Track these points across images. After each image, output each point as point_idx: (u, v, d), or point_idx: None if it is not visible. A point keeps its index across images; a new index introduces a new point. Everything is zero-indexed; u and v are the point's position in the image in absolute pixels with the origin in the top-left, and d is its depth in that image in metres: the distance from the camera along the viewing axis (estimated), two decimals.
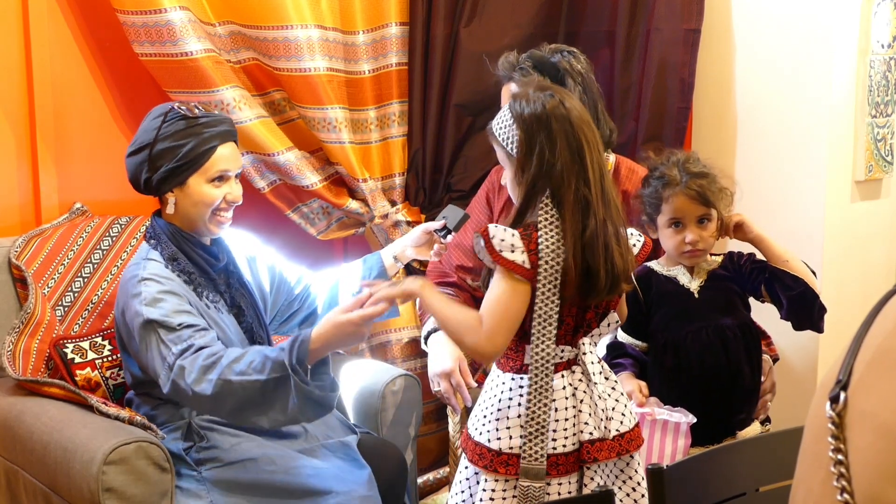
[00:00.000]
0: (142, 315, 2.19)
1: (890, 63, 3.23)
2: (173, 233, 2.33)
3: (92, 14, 2.83)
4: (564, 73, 2.61)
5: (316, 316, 2.64)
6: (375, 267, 2.61)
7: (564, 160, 1.95)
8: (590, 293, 1.98)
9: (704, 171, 2.40)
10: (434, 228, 2.54)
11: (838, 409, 0.72)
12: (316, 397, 2.12)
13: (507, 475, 2.01)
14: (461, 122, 3.18)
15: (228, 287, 2.37)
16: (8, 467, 2.41)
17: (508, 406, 2.02)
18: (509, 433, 2.01)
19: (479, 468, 2.04)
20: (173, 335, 2.17)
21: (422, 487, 3.11)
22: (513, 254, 1.94)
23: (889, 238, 3.39)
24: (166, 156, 2.27)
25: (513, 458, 2.00)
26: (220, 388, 2.11)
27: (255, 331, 2.38)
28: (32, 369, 2.47)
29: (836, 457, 0.71)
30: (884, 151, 3.27)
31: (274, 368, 2.10)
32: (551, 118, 1.96)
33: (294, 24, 2.83)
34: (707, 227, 2.41)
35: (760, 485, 1.69)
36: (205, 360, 2.14)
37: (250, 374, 2.11)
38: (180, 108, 2.30)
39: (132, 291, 2.24)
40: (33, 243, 2.66)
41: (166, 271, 2.27)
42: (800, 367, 2.73)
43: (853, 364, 0.73)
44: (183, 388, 2.14)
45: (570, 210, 1.95)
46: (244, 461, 2.27)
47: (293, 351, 2.10)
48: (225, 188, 2.33)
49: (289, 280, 2.61)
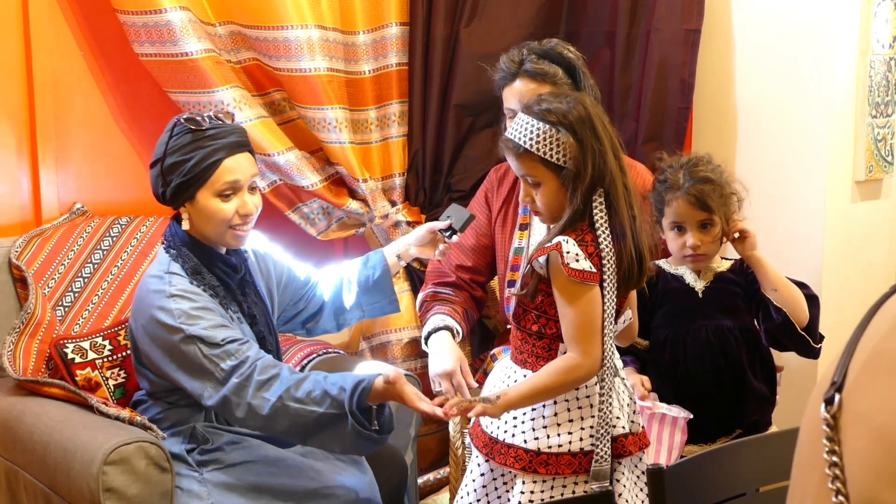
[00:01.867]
0: (182, 331, 2.16)
1: (890, 63, 3.23)
2: (193, 244, 2.27)
3: (92, 14, 2.82)
4: (570, 60, 2.61)
5: (320, 316, 2.63)
6: (379, 266, 2.60)
7: (611, 158, 1.98)
8: (631, 281, 2.02)
9: (709, 176, 2.39)
10: (439, 228, 2.53)
11: (833, 411, 0.72)
12: (370, 438, 2.14)
13: (545, 475, 2.01)
14: (461, 122, 3.18)
15: (245, 297, 2.35)
16: (8, 467, 2.41)
17: (544, 406, 2.02)
18: (546, 432, 2.01)
19: (516, 470, 2.02)
20: (218, 350, 2.16)
21: (422, 487, 3.11)
22: (579, 263, 1.94)
23: (889, 238, 3.39)
24: (174, 171, 2.21)
25: (552, 457, 2.00)
26: (275, 410, 2.13)
27: (265, 338, 2.37)
28: (33, 369, 2.47)
29: (830, 459, 0.71)
30: (884, 151, 3.27)
31: (332, 405, 2.12)
32: (593, 117, 1.98)
33: (294, 24, 2.83)
34: (709, 232, 2.41)
35: (760, 485, 1.69)
36: (260, 375, 2.15)
37: (308, 403, 2.12)
38: (188, 121, 2.22)
39: (161, 306, 2.19)
40: (33, 243, 2.66)
41: (192, 286, 2.23)
42: (800, 368, 2.73)
43: (848, 365, 0.73)
44: (235, 402, 2.14)
45: (621, 203, 1.98)
46: (246, 463, 2.27)
47: (355, 395, 2.11)
48: (235, 201, 2.23)
49: (296, 278, 2.60)
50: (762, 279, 2.40)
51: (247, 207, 2.25)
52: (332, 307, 2.62)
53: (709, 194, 2.37)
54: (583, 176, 1.95)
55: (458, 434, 2.68)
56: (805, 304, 2.40)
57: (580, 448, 2.01)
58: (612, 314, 1.99)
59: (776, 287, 2.38)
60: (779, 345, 2.47)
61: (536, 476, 2.02)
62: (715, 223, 2.40)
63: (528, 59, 2.60)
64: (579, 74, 2.61)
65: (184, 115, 2.25)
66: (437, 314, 2.70)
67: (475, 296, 2.85)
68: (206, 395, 2.17)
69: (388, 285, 2.61)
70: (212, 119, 2.24)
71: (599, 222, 1.97)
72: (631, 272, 2.01)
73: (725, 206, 2.41)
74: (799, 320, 2.38)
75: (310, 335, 2.72)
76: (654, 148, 3.20)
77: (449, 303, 2.76)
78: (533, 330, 2.05)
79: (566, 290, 1.96)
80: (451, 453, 2.71)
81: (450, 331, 2.65)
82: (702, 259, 2.44)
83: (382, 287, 2.60)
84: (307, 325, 2.65)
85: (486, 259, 2.84)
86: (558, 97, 2.03)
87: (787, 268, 2.50)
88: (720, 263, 2.50)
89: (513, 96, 2.62)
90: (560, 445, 2.00)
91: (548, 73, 2.58)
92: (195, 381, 2.18)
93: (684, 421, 2.33)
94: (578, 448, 2.01)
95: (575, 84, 2.60)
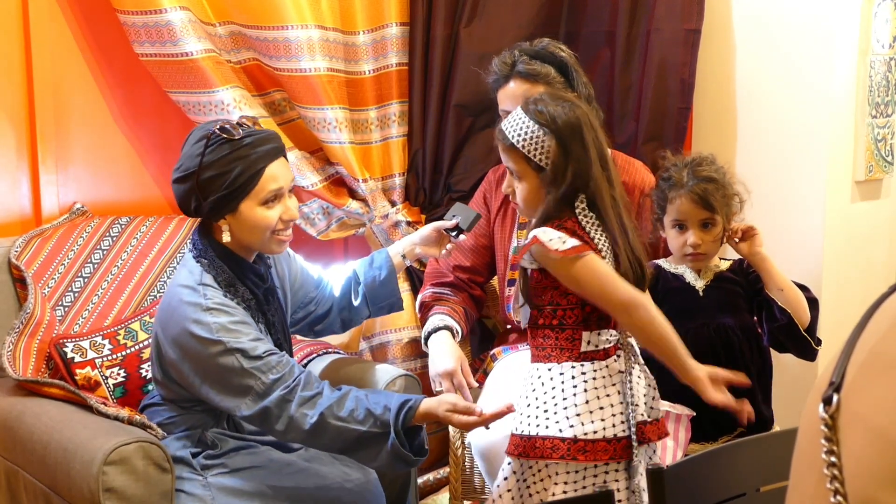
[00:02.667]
0: (222, 344, 2.14)
1: (890, 63, 3.23)
2: (226, 255, 2.23)
3: (92, 14, 2.82)
4: (563, 59, 2.62)
5: (328, 318, 2.62)
6: (385, 266, 2.59)
7: (597, 167, 2.00)
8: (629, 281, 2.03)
9: (713, 175, 2.40)
10: (446, 228, 2.52)
11: (831, 412, 0.72)
12: (408, 458, 2.16)
13: (586, 461, 2.02)
14: (461, 122, 3.18)
15: (269, 306, 2.34)
16: (8, 467, 2.41)
17: (574, 394, 2.04)
18: (580, 420, 2.02)
19: (555, 460, 2.03)
20: (260, 363, 2.15)
21: (422, 487, 3.11)
22: (566, 243, 1.98)
23: (889, 238, 3.39)
24: (213, 184, 2.14)
25: (588, 444, 2.01)
26: (316, 427, 2.14)
27: (281, 344, 2.36)
28: (33, 369, 2.47)
29: (829, 459, 0.71)
30: (884, 151, 3.27)
31: (375, 424, 2.14)
32: (583, 125, 2.01)
33: (294, 24, 2.83)
34: (711, 231, 2.41)
35: (760, 485, 1.69)
36: (304, 391, 2.16)
37: (350, 422, 2.14)
38: (222, 132, 2.15)
39: (196, 319, 2.16)
40: (33, 243, 2.66)
41: (226, 300, 2.20)
42: (799, 368, 2.73)
43: (846, 366, 0.73)
44: (276, 415, 2.15)
45: (609, 214, 2.01)
46: (251, 468, 2.26)
47: (400, 416, 2.14)
48: (279, 208, 2.20)
49: (310, 279, 2.59)
50: (767, 279, 2.40)
51: (290, 213, 2.23)
52: (338, 308, 2.61)
53: (712, 193, 2.38)
54: (561, 180, 2.01)
55: (458, 434, 2.68)
56: (807, 306, 2.40)
57: (613, 434, 2.03)
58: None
59: (782, 287, 2.38)
60: (780, 346, 2.47)
61: (577, 465, 2.03)
62: (716, 223, 2.40)
63: (520, 60, 2.61)
64: (572, 73, 2.61)
65: (216, 125, 2.16)
66: (437, 314, 2.70)
67: (474, 295, 2.85)
68: (243, 407, 2.16)
69: (394, 285, 2.60)
70: (243, 127, 2.19)
71: (588, 225, 2.02)
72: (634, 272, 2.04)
73: (727, 207, 2.41)
74: (801, 322, 2.38)
75: (316, 336, 2.71)
76: (654, 148, 3.20)
77: (448, 303, 2.76)
78: (554, 324, 2.06)
79: (567, 272, 2.00)
80: (451, 453, 2.71)
81: (450, 331, 2.65)
82: (702, 258, 2.44)
83: (388, 287, 2.59)
84: (315, 327, 2.62)
85: (485, 259, 2.84)
86: (557, 100, 2.05)
87: (787, 268, 2.50)
88: (719, 263, 2.50)
89: (507, 98, 2.63)
90: (595, 432, 2.02)
91: (540, 73, 2.59)
92: (229, 394, 2.16)
93: (687, 418, 2.33)
94: (612, 434, 2.03)
95: (568, 83, 2.60)
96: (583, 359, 2.05)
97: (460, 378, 2.52)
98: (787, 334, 2.40)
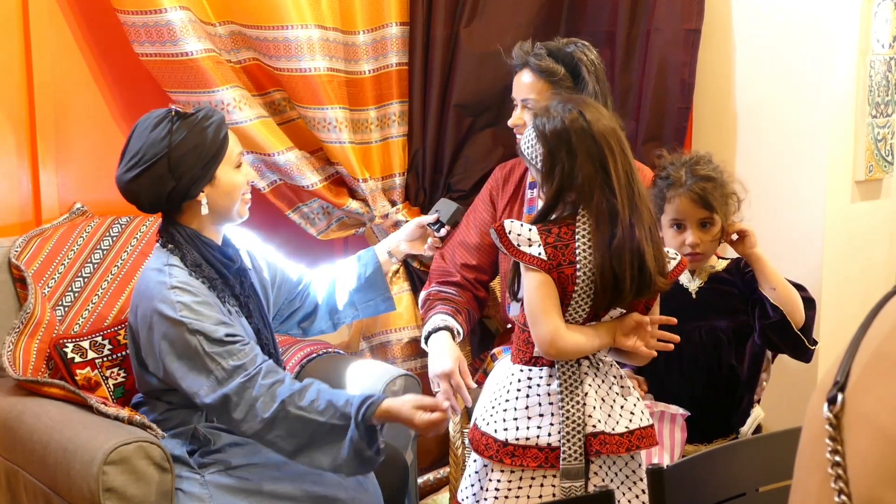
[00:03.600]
0: (184, 325, 2.16)
1: (890, 63, 3.23)
2: (192, 238, 2.28)
3: (92, 14, 2.82)
4: (578, 62, 2.62)
5: (315, 315, 2.63)
6: (370, 263, 2.61)
7: (586, 173, 2.01)
8: (614, 301, 2.03)
9: (711, 174, 2.38)
10: (427, 222, 2.55)
11: (835, 411, 0.72)
12: (366, 457, 2.16)
13: (512, 466, 2.04)
14: (461, 122, 3.18)
15: (242, 289, 2.36)
16: (8, 467, 2.41)
17: (516, 397, 2.06)
18: (515, 424, 2.04)
19: (485, 459, 2.07)
20: (220, 349, 2.16)
21: (422, 487, 3.11)
22: (530, 248, 2.01)
23: (889, 238, 3.39)
24: (189, 159, 2.20)
25: (518, 448, 2.03)
26: (276, 415, 2.14)
27: (261, 331, 2.37)
28: (33, 369, 2.47)
29: (833, 458, 0.71)
30: (884, 151, 3.27)
31: (336, 415, 2.14)
32: (571, 133, 2.03)
33: (294, 24, 2.83)
34: (709, 230, 2.39)
35: (760, 485, 1.69)
36: (264, 379, 2.16)
37: (310, 412, 2.14)
38: (178, 113, 2.24)
39: (162, 298, 2.19)
40: (33, 243, 2.66)
41: (191, 279, 2.23)
42: (798, 368, 2.72)
43: (851, 366, 0.73)
44: (235, 403, 2.14)
45: (597, 221, 2.01)
46: (248, 466, 2.26)
47: (362, 408, 2.14)
48: (244, 169, 2.36)
49: (290, 278, 2.61)
50: (761, 277, 2.39)
51: (251, 174, 2.39)
52: (326, 306, 2.63)
53: (711, 192, 2.36)
54: (548, 183, 2.06)
55: (458, 434, 2.68)
56: (801, 305, 2.38)
57: (547, 443, 2.03)
58: (574, 322, 2.03)
59: (774, 286, 2.37)
60: (773, 344, 2.46)
61: (504, 466, 2.05)
62: (715, 222, 2.39)
63: (536, 52, 2.64)
64: (583, 76, 2.61)
65: (170, 109, 2.25)
66: (438, 314, 2.70)
67: (478, 296, 2.85)
68: (202, 392, 2.17)
69: (381, 282, 2.61)
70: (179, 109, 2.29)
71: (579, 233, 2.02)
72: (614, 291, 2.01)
73: (725, 206, 2.40)
74: (795, 320, 2.37)
75: (306, 335, 2.72)
76: (654, 147, 3.20)
77: (451, 303, 2.76)
78: (522, 324, 2.10)
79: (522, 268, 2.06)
80: (451, 453, 2.71)
81: (450, 331, 2.65)
82: (699, 258, 2.43)
83: (375, 284, 2.60)
84: (302, 324, 2.65)
85: (491, 257, 2.84)
86: (559, 106, 2.07)
87: (786, 268, 2.50)
88: (716, 263, 2.48)
89: (518, 85, 2.68)
90: (528, 438, 2.03)
91: (548, 69, 2.60)
92: (192, 374, 2.17)
93: (682, 418, 2.33)
94: (546, 443, 2.03)
95: (577, 85, 2.61)
96: (532, 363, 2.07)
97: (458, 379, 2.52)
98: (779, 332, 2.38)
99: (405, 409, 2.17)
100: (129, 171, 2.24)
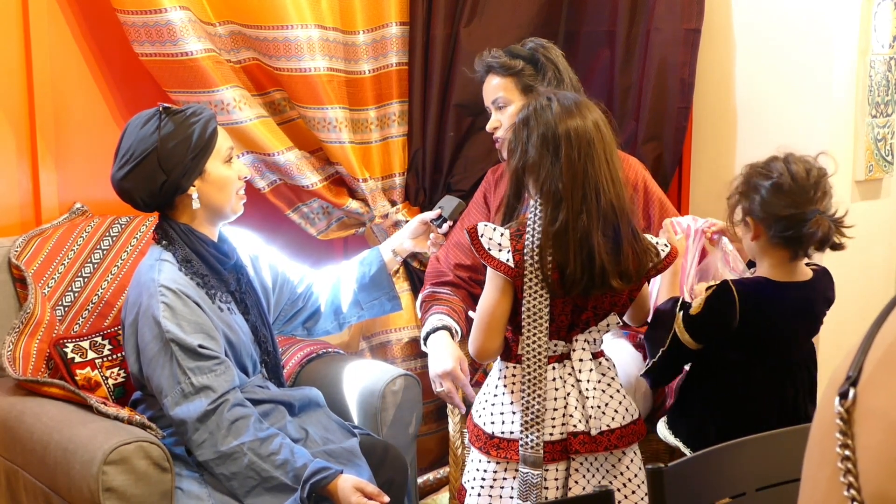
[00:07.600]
0: (161, 326, 2.18)
1: (890, 63, 3.23)
2: (186, 233, 2.31)
3: (92, 14, 2.83)
4: (534, 52, 2.70)
5: (319, 315, 2.63)
6: (375, 262, 2.61)
7: (539, 153, 2.04)
8: (568, 287, 2.04)
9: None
10: (430, 218, 2.55)
11: (847, 406, 0.72)
12: None
13: (497, 458, 2.12)
14: (461, 122, 3.18)
15: (238, 285, 2.37)
16: (8, 467, 2.41)
17: (503, 392, 2.15)
18: (501, 418, 2.13)
19: (476, 448, 2.17)
20: (193, 363, 2.18)
21: (422, 487, 3.11)
22: (500, 253, 2.06)
23: (889, 238, 3.39)
24: (178, 151, 2.24)
25: (503, 441, 2.12)
26: (231, 453, 2.16)
27: (258, 329, 2.37)
28: (32, 369, 2.47)
29: (843, 453, 0.71)
30: (884, 151, 3.27)
31: (288, 475, 2.16)
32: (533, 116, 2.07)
33: (294, 24, 2.83)
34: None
35: (760, 485, 1.69)
36: (229, 412, 2.18)
37: (266, 462, 2.16)
38: (166, 109, 2.28)
39: (149, 294, 2.22)
40: (33, 243, 2.66)
41: (180, 275, 2.25)
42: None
43: (864, 361, 0.73)
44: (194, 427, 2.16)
45: (544, 205, 2.04)
46: None
47: (314, 477, 2.15)
48: (236, 164, 2.37)
49: (292, 279, 2.61)
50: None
51: (244, 169, 2.39)
52: (330, 307, 2.62)
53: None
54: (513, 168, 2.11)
55: (458, 434, 2.68)
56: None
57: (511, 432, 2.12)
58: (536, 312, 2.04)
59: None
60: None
61: (490, 458, 2.14)
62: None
63: (494, 55, 2.70)
64: (541, 65, 2.67)
65: (159, 107, 2.28)
66: (436, 314, 2.70)
67: (474, 294, 2.85)
68: (167, 401, 2.19)
69: (386, 281, 2.61)
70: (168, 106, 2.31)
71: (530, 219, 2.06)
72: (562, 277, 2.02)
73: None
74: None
75: (311, 335, 2.72)
76: (654, 147, 3.21)
77: (447, 302, 2.76)
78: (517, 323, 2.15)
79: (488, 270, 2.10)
80: (451, 453, 2.71)
81: (448, 331, 2.65)
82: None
83: (380, 283, 2.60)
84: (307, 324, 2.65)
85: None
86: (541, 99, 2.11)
87: None
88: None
89: (486, 91, 2.74)
90: (512, 433, 2.11)
91: (507, 64, 2.68)
92: (162, 378, 2.20)
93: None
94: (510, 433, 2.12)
95: (538, 74, 2.68)
96: (515, 360, 2.14)
97: (461, 377, 2.52)
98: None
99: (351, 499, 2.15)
100: (121, 168, 2.27)
